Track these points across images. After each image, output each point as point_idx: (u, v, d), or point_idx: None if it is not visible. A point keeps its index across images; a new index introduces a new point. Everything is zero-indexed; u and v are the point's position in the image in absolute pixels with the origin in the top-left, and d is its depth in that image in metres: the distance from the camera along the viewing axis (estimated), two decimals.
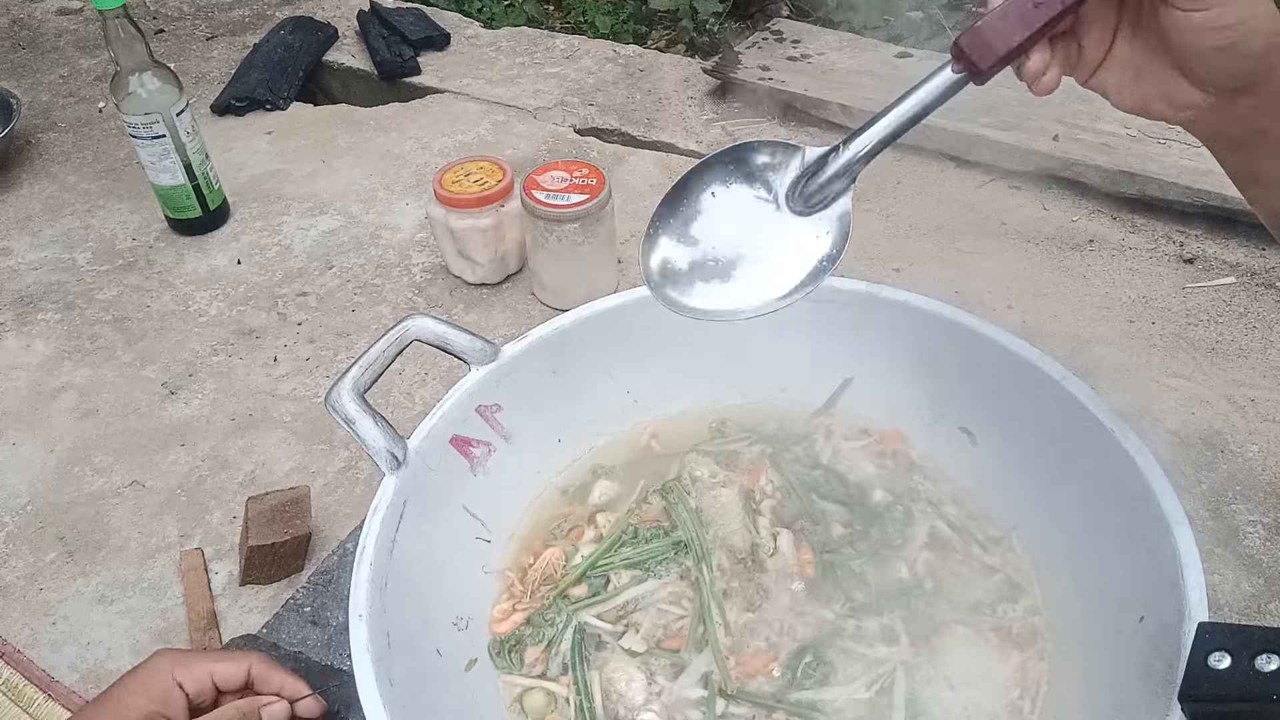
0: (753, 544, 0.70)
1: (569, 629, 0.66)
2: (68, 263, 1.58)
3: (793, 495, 0.72)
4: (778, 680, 0.62)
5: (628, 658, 0.65)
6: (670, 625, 0.66)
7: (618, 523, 0.71)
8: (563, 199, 1.32)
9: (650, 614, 0.67)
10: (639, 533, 0.70)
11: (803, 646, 0.63)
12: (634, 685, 0.65)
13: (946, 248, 1.50)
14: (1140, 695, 0.52)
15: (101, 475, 1.25)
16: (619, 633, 0.66)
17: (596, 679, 0.65)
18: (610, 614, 0.68)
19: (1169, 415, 1.24)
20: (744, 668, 0.63)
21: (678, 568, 0.68)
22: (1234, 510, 1.14)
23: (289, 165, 1.77)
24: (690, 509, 0.71)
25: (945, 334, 0.71)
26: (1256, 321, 1.36)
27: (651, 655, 0.65)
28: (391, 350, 0.67)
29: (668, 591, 0.67)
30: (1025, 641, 0.62)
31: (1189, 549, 0.54)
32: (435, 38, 2.06)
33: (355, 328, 1.43)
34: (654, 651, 0.65)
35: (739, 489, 0.72)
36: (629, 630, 0.67)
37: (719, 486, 0.73)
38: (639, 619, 0.66)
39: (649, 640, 0.66)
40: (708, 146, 1.75)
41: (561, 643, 0.66)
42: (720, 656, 0.63)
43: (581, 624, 0.66)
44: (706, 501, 0.72)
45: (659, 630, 0.66)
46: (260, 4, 2.30)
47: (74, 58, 2.13)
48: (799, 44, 1.89)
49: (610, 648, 0.66)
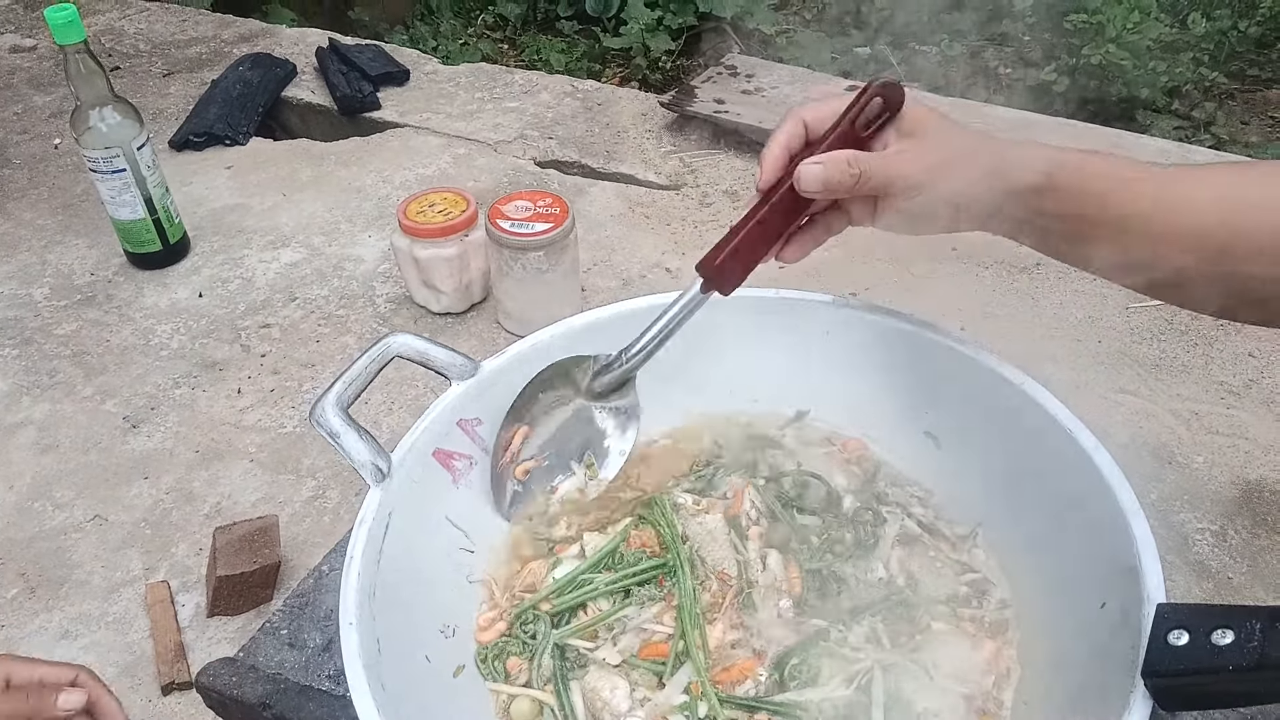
0: (740, 565, 0.71)
1: (548, 644, 0.67)
2: (24, 298, 1.56)
3: (778, 520, 0.74)
4: (768, 683, 0.64)
5: (609, 667, 0.66)
6: (650, 639, 0.67)
7: (603, 546, 0.72)
8: (527, 228, 1.34)
9: (629, 634, 0.68)
10: (623, 556, 0.71)
11: (788, 650, 0.65)
12: (618, 693, 0.66)
13: (901, 273, 1.55)
14: (1106, 675, 0.55)
15: (63, 510, 1.23)
16: (594, 648, 0.67)
17: (578, 688, 0.66)
18: (588, 632, 0.69)
19: (1117, 429, 1.29)
20: (728, 674, 0.65)
21: (660, 590, 0.69)
22: (1183, 519, 1.19)
23: (250, 199, 1.77)
24: (675, 531, 0.73)
25: (908, 344, 0.74)
26: (1198, 339, 1.42)
27: (630, 666, 0.66)
28: (374, 366, 0.68)
29: (650, 613, 0.68)
30: (997, 631, 0.65)
31: (1145, 536, 0.57)
32: (394, 73, 2.08)
33: (320, 358, 1.44)
34: (631, 661, 0.66)
35: (723, 515, 0.74)
36: (606, 643, 0.68)
37: (702, 513, 0.75)
38: (618, 637, 0.67)
39: (625, 654, 0.67)
40: (666, 177, 1.79)
41: (542, 655, 0.67)
42: (702, 668, 0.65)
43: (560, 643, 0.67)
44: (693, 529, 0.74)
45: (636, 644, 0.67)
46: (217, 41, 2.30)
47: (28, 95, 2.12)
48: (752, 78, 1.94)
49: (590, 661, 0.67)
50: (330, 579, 0.82)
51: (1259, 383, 1.34)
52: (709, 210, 1.70)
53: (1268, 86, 2.79)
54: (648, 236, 1.65)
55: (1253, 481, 1.22)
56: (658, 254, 1.61)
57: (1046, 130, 1.72)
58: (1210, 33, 2.84)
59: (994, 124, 1.70)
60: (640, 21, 2.99)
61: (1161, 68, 2.65)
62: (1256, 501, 1.19)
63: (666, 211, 1.71)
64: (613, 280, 1.56)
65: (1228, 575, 1.12)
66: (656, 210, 1.71)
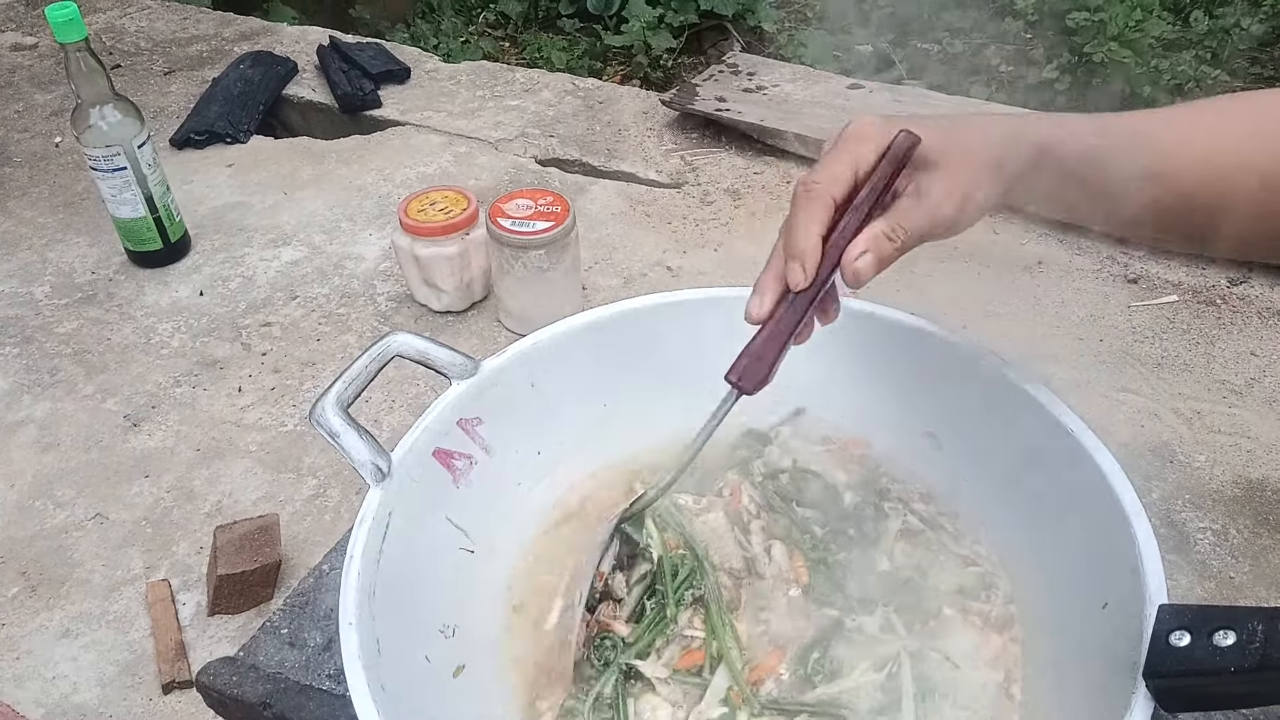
0: (747, 560, 0.71)
1: (616, 667, 0.65)
2: (25, 297, 1.56)
3: (778, 513, 0.74)
4: (790, 680, 0.64)
5: (649, 689, 0.65)
6: (690, 647, 0.67)
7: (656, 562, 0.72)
8: (528, 226, 1.34)
9: (673, 645, 0.67)
10: (670, 564, 0.71)
11: (809, 643, 0.65)
12: (660, 714, 0.65)
13: (902, 272, 1.53)
14: (1107, 676, 0.54)
15: (64, 509, 1.23)
16: (644, 665, 0.66)
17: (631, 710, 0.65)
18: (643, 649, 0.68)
19: (1119, 428, 1.29)
20: (755, 672, 0.65)
21: (692, 592, 0.69)
22: (1184, 518, 1.18)
23: (250, 197, 1.77)
24: (686, 533, 0.73)
25: (909, 343, 0.74)
26: (1199, 337, 1.41)
27: (675, 679, 0.65)
28: (374, 366, 0.68)
29: (684, 618, 0.68)
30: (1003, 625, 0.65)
31: (1147, 537, 0.57)
32: (395, 72, 2.08)
33: (321, 357, 1.44)
34: (677, 674, 0.66)
35: (724, 512, 0.74)
36: (653, 655, 0.67)
37: (704, 512, 0.75)
38: (662, 650, 0.67)
39: (670, 665, 0.66)
40: (667, 176, 1.78)
41: (607, 681, 0.65)
42: (737, 670, 0.64)
43: (623, 664, 0.65)
44: (696, 528, 0.73)
45: (678, 653, 0.67)
46: (218, 39, 2.30)
47: (29, 93, 2.12)
48: (754, 76, 1.94)
49: (640, 678, 0.65)
50: (331, 578, 0.81)
51: (1261, 381, 1.34)
52: (710, 209, 1.70)
53: (1271, 84, 2.78)
54: (649, 235, 1.65)
55: (1255, 480, 1.21)
56: (659, 252, 1.61)
57: None
58: (1213, 30, 2.83)
59: None
60: (642, 19, 2.99)
61: (1164, 65, 2.65)
62: (1259, 501, 1.19)
63: (668, 210, 1.70)
64: (614, 279, 1.56)
65: (1230, 575, 1.12)
66: (658, 209, 1.71)
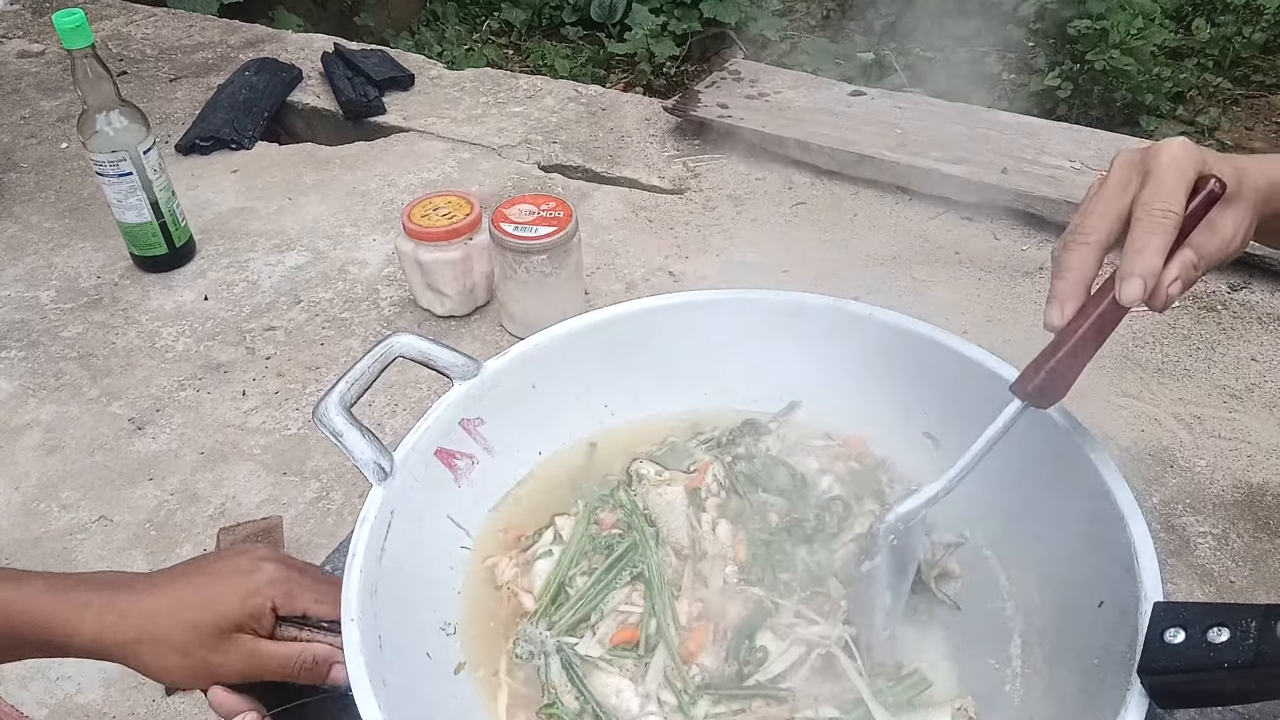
0: (693, 538, 0.72)
1: (551, 649, 0.66)
2: (31, 301, 1.57)
3: (736, 490, 0.74)
4: (728, 665, 0.65)
5: (600, 669, 0.66)
6: (626, 622, 0.67)
7: (576, 535, 0.72)
8: (531, 231, 1.35)
9: (606, 621, 0.68)
10: (598, 541, 0.72)
11: (739, 632, 0.66)
12: (624, 695, 0.66)
13: (902, 276, 1.55)
14: (1103, 673, 0.55)
15: (68, 511, 1.24)
16: (576, 642, 0.67)
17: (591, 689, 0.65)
18: (571, 626, 0.68)
19: (1120, 433, 1.29)
20: (683, 647, 0.65)
21: (631, 569, 0.70)
22: (1185, 523, 1.19)
23: (255, 203, 1.78)
24: (638, 509, 0.73)
25: (910, 347, 0.75)
26: (1199, 343, 1.42)
27: (612, 656, 0.66)
28: (377, 366, 0.68)
29: (622, 594, 0.69)
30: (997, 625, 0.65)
31: (1142, 536, 0.58)
32: (399, 78, 2.09)
33: (325, 360, 1.44)
34: (613, 652, 0.66)
35: (684, 488, 0.75)
36: (587, 634, 0.68)
37: (664, 485, 0.75)
38: (597, 626, 0.68)
39: (604, 642, 0.67)
40: (669, 182, 1.79)
41: (549, 663, 0.66)
42: (675, 651, 0.65)
43: (562, 645, 0.66)
44: (652, 499, 0.74)
45: (613, 629, 0.67)
46: (224, 46, 2.32)
47: (35, 99, 2.13)
48: (756, 83, 1.95)
49: (576, 655, 0.66)
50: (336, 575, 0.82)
51: (1261, 386, 1.34)
52: (712, 214, 1.71)
53: (1272, 92, 2.79)
54: (651, 240, 1.66)
55: (1255, 485, 1.22)
56: (661, 257, 1.61)
57: (1050, 136, 1.72)
58: (1215, 38, 2.84)
59: (997, 129, 1.71)
60: (645, 27, 3.00)
61: (1166, 73, 2.65)
62: (1258, 505, 1.19)
63: (670, 215, 1.71)
64: (616, 283, 1.57)
65: (1230, 579, 1.12)
66: (660, 214, 1.72)
